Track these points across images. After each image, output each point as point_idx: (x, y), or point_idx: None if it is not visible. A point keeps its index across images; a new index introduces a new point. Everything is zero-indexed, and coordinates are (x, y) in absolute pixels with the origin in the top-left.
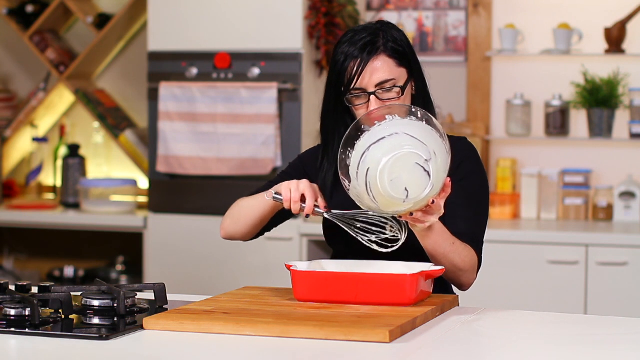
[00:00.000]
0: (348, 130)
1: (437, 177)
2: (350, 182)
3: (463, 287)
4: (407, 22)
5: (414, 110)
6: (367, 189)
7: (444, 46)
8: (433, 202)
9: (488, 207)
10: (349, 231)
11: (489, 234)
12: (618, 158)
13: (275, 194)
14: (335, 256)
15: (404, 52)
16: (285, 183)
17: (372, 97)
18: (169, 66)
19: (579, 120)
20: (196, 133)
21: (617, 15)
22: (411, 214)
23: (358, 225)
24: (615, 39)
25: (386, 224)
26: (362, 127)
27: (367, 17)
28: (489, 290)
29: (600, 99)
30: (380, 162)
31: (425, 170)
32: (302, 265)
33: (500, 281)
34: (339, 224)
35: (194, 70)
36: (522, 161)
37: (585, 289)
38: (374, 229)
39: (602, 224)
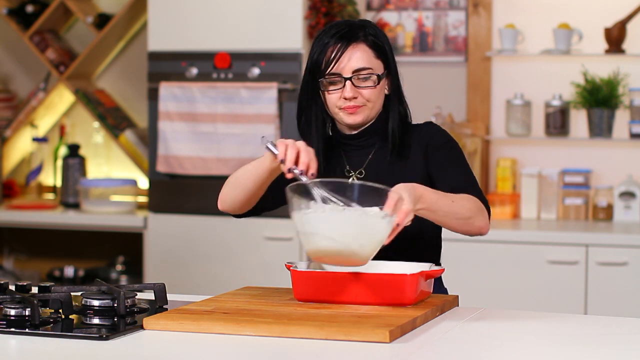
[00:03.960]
0: (298, 186)
1: (366, 258)
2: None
3: (482, 232)
4: (407, 22)
5: (349, 192)
6: None
7: (444, 46)
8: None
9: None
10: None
11: (488, 234)
12: (618, 158)
13: (272, 144)
14: None
15: (383, 48)
16: (283, 140)
17: (348, 82)
18: (169, 66)
19: (579, 120)
20: (196, 133)
21: (617, 15)
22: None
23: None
24: (615, 39)
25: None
26: (303, 194)
27: (367, 17)
28: (489, 290)
29: (600, 99)
30: (307, 253)
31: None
32: (302, 265)
33: (500, 281)
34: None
35: (194, 70)
36: (522, 161)
37: (585, 289)
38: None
39: (602, 224)
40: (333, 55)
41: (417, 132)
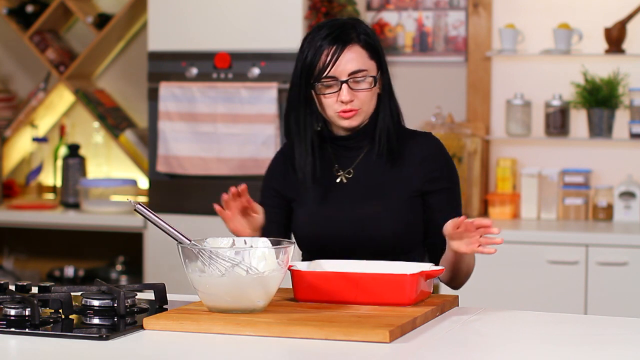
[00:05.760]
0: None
1: (264, 307)
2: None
3: (461, 286)
4: (407, 22)
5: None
6: None
7: (444, 46)
8: None
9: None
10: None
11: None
12: (618, 158)
13: (141, 206)
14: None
15: (376, 47)
16: None
17: (345, 85)
18: (169, 66)
19: (579, 120)
20: (196, 133)
21: (617, 15)
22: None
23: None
24: (615, 39)
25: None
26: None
27: (367, 17)
28: (489, 290)
29: (600, 99)
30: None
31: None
32: (302, 265)
33: (500, 281)
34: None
35: (194, 70)
36: (522, 161)
37: (585, 289)
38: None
39: (602, 224)
40: (329, 59)
41: (414, 141)
